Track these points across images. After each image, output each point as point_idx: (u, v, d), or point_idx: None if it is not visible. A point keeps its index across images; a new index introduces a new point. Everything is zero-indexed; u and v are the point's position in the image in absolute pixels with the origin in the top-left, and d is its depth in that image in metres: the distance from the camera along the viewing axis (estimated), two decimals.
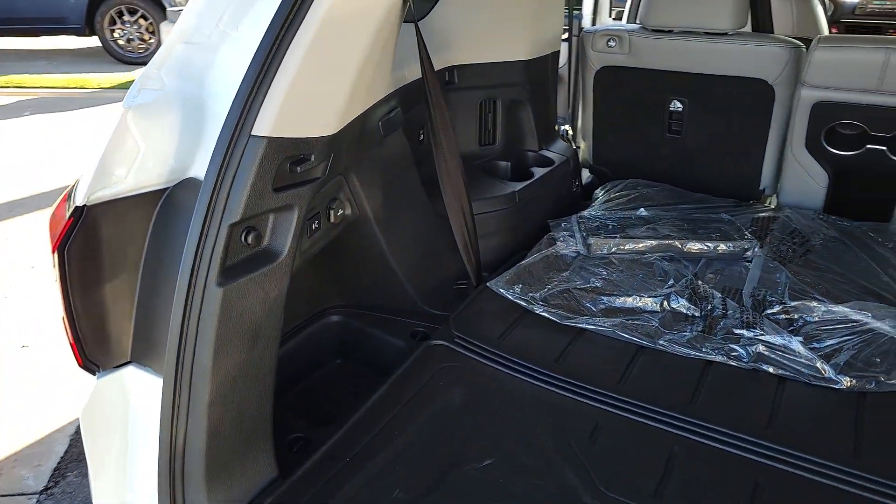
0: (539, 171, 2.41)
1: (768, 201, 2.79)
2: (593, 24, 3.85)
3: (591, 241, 2.15)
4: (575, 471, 1.39)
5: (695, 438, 1.47)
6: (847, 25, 5.20)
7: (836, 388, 1.60)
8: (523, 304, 1.92)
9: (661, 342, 1.76)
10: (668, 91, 2.65)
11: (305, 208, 1.30)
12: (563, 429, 1.50)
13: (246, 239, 1.20)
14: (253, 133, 1.14)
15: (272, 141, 1.16)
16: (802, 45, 2.41)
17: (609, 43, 2.66)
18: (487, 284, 1.99)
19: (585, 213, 2.42)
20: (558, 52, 2.75)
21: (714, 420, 1.51)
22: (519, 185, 2.27)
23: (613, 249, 2.13)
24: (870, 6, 5.34)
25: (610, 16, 4.42)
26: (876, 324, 1.73)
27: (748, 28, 2.78)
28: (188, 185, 1.23)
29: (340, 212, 1.56)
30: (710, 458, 1.42)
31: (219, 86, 1.28)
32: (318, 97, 1.24)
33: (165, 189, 1.22)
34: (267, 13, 1.23)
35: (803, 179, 2.48)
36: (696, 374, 1.67)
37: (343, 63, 1.27)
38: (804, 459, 1.40)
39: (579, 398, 1.60)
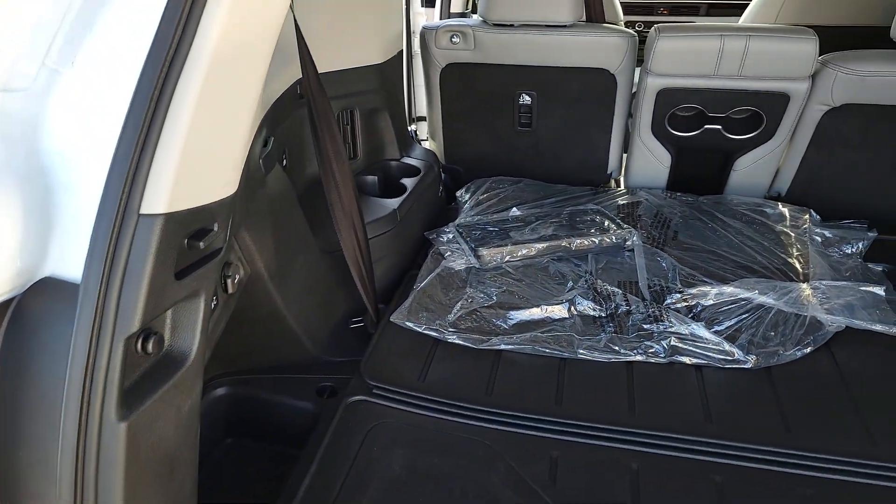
0: (409, 182, 2.25)
1: (613, 183, 2.92)
2: (407, 12, 3.73)
3: (482, 252, 2.05)
4: None
5: (650, 451, 1.44)
6: (624, 5, 5.61)
7: (745, 368, 1.68)
8: (433, 334, 1.77)
9: (580, 351, 1.73)
10: (516, 85, 2.62)
11: (212, 290, 1.02)
12: (520, 472, 1.39)
13: (145, 348, 0.90)
14: (142, 212, 0.85)
15: (170, 217, 0.88)
16: (635, 34, 2.51)
17: (453, 39, 2.56)
18: (391, 319, 1.81)
19: (462, 220, 2.32)
20: (402, 51, 2.59)
21: (659, 426, 1.50)
22: (395, 202, 2.09)
23: (507, 258, 2.06)
24: None
25: (423, 5, 4.33)
26: (762, 298, 1.86)
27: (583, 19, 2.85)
28: (45, 287, 0.90)
29: (237, 277, 1.27)
30: (669, 469, 1.41)
31: (59, 145, 0.95)
32: (217, 151, 0.97)
33: (13, 299, 0.88)
34: (114, 37, 0.93)
35: (650, 161, 2.61)
36: (622, 378, 1.65)
37: (241, 101, 1.00)
38: (748, 449, 1.44)
39: (524, 430, 1.50)
